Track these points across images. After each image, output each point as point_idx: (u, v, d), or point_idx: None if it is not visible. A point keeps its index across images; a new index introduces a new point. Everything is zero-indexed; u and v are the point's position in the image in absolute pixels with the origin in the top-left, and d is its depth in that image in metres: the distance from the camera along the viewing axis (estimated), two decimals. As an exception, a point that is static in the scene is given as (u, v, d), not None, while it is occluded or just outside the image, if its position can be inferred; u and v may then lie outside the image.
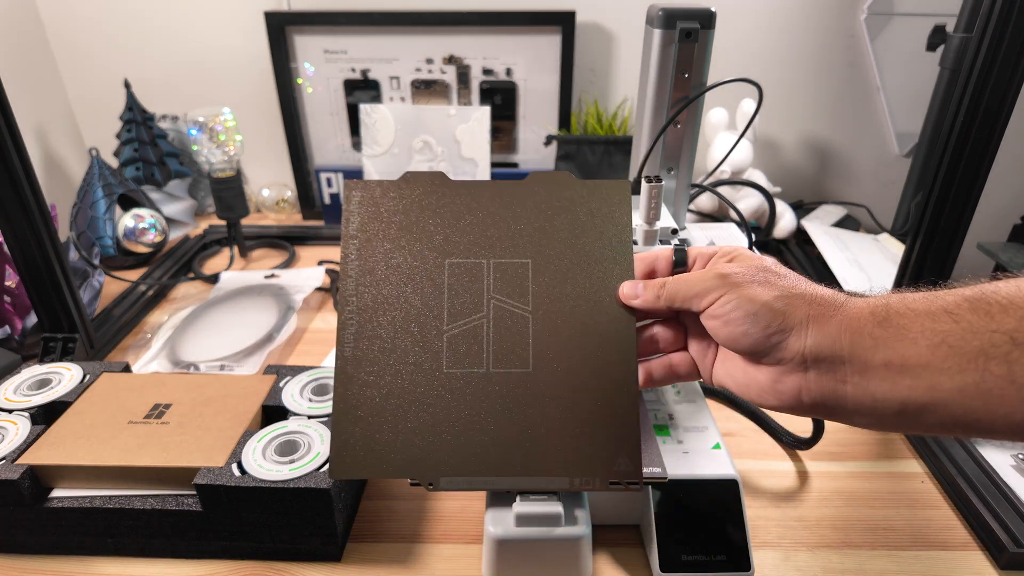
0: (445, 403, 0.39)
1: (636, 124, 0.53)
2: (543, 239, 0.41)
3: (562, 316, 0.40)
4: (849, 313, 0.33)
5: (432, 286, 0.40)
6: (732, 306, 0.35)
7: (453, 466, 0.38)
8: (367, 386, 0.39)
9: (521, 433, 0.38)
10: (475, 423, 0.39)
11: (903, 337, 0.31)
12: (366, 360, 0.39)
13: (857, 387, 0.32)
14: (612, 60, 1.10)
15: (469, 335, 0.40)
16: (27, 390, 0.58)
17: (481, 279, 0.41)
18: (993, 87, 0.55)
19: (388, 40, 1.05)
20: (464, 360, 0.39)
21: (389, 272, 0.41)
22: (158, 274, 0.96)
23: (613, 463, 0.38)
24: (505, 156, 1.15)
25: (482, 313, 0.40)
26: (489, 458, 0.38)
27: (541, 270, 0.41)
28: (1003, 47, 0.54)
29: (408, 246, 0.41)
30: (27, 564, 0.52)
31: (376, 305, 0.40)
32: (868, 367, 0.32)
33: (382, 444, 0.38)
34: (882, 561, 0.52)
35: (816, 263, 0.97)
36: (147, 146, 1.09)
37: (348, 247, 0.41)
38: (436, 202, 0.42)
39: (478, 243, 0.41)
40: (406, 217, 0.41)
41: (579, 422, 0.38)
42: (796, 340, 0.33)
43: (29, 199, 0.65)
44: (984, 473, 0.57)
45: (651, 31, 0.48)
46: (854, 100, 1.10)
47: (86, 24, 1.08)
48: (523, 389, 0.39)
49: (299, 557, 0.52)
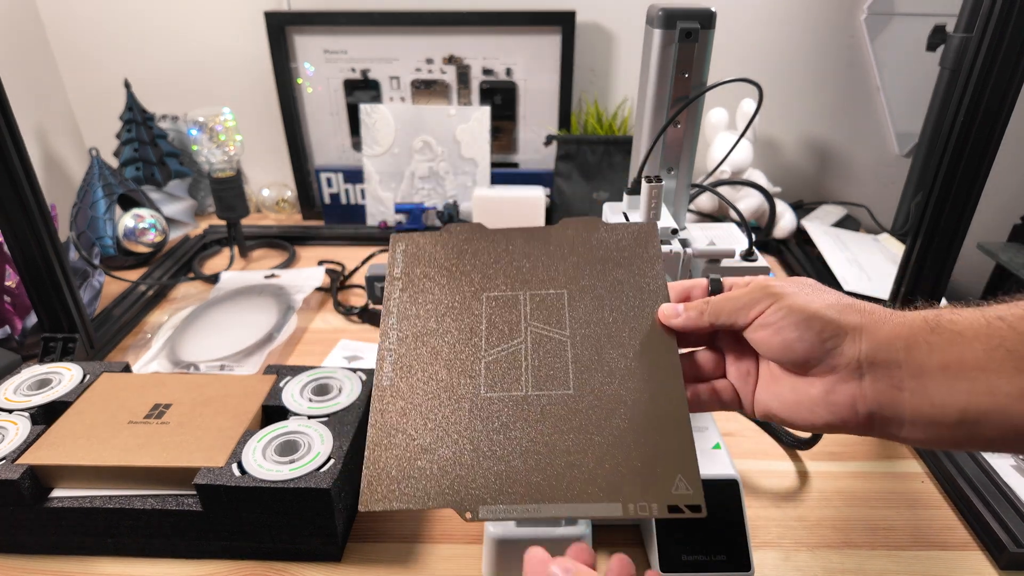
0: (484, 428, 0.37)
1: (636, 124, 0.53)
2: (577, 273, 0.42)
3: (601, 340, 0.40)
4: (901, 320, 0.33)
5: (470, 317, 0.41)
6: (783, 314, 0.34)
7: (494, 494, 0.35)
8: (403, 414, 0.38)
9: (566, 457, 0.36)
10: (516, 448, 0.37)
11: (958, 341, 0.31)
12: (403, 389, 0.39)
13: (915, 393, 0.31)
14: (612, 60, 1.10)
15: (507, 359, 0.40)
16: (27, 390, 0.58)
17: (518, 309, 0.41)
18: (993, 87, 0.55)
19: (388, 40, 1.05)
20: (502, 383, 0.39)
21: (429, 308, 0.42)
22: (158, 274, 0.96)
23: (671, 486, 0.35)
24: (505, 156, 1.15)
25: (520, 339, 0.40)
26: (533, 485, 0.35)
27: (576, 300, 0.41)
28: (1003, 47, 0.54)
29: (448, 284, 0.43)
30: (27, 564, 0.52)
31: (415, 337, 0.41)
32: (925, 370, 0.31)
33: (417, 472, 0.36)
34: (882, 561, 0.52)
35: (816, 263, 0.97)
36: (147, 146, 1.09)
37: (391, 288, 0.43)
38: (474, 247, 0.44)
39: (514, 279, 0.43)
40: (447, 261, 0.44)
41: (629, 444, 0.36)
42: (851, 345, 0.33)
43: (29, 199, 0.65)
44: (984, 473, 0.57)
45: (651, 31, 0.48)
46: (854, 100, 1.10)
47: (86, 24, 1.08)
48: (566, 411, 0.38)
49: (299, 557, 0.52)
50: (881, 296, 0.84)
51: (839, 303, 0.34)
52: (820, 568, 0.51)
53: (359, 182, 1.11)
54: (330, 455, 0.51)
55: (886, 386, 0.32)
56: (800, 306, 0.34)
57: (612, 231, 0.43)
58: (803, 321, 0.33)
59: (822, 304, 0.34)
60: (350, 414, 0.55)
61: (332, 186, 1.12)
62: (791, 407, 0.35)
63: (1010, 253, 0.89)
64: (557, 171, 1.06)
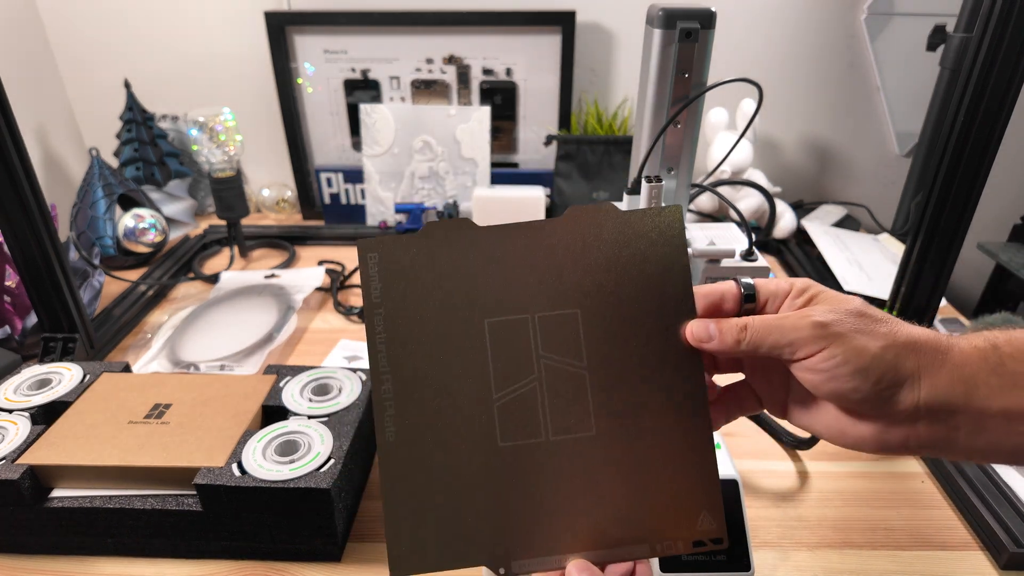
0: (505, 480, 0.35)
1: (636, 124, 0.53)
2: (590, 284, 0.36)
3: (622, 368, 0.36)
4: (958, 359, 0.31)
5: (473, 350, 0.36)
6: (838, 360, 0.31)
7: (524, 547, 0.34)
8: (417, 471, 0.35)
9: (592, 503, 0.35)
10: (541, 498, 0.35)
11: (1020, 383, 0.30)
12: (411, 444, 0.35)
13: (970, 434, 0.31)
14: (612, 60, 1.10)
15: (522, 402, 0.36)
16: (27, 390, 0.58)
17: (527, 337, 0.36)
18: (993, 87, 0.55)
19: (388, 40, 1.05)
20: (520, 432, 0.36)
21: (423, 341, 0.36)
22: (158, 274, 0.96)
23: (696, 522, 0.34)
24: (505, 156, 1.15)
25: (533, 375, 0.36)
26: (561, 534, 0.34)
27: (592, 319, 0.36)
28: (1003, 47, 0.54)
29: (440, 308, 0.36)
30: (27, 564, 0.52)
31: (414, 381, 0.36)
32: (985, 415, 0.31)
33: (444, 534, 0.34)
34: (882, 561, 0.52)
35: (816, 263, 0.97)
36: (147, 146, 1.09)
37: (372, 318, 0.36)
38: (464, 252, 0.36)
39: (518, 296, 0.36)
40: (433, 274, 0.36)
41: (654, 482, 0.35)
42: (909, 393, 0.31)
43: (29, 199, 0.65)
44: (984, 473, 0.57)
45: (651, 31, 0.48)
46: (854, 100, 1.10)
47: (86, 24, 1.08)
48: (589, 454, 0.35)
49: (299, 557, 0.52)
50: (881, 296, 0.84)
51: (895, 341, 0.31)
52: (820, 568, 0.51)
53: (359, 182, 1.11)
54: (330, 455, 0.51)
55: (942, 429, 0.31)
56: (857, 350, 0.31)
57: (629, 222, 0.37)
58: (860, 371, 0.31)
59: (879, 346, 0.31)
60: (350, 414, 0.55)
61: (332, 186, 1.12)
62: (836, 436, 0.34)
63: (1010, 253, 0.89)
64: (557, 171, 1.06)
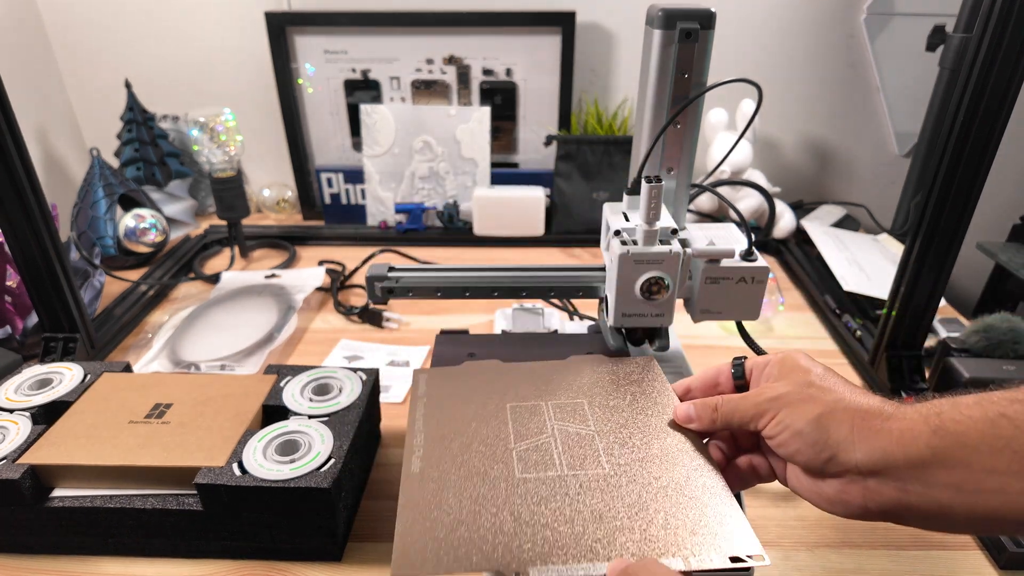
0: (523, 502, 0.37)
1: (636, 124, 0.53)
2: (592, 389, 0.47)
3: (626, 433, 0.43)
4: (900, 424, 0.33)
5: (496, 421, 0.44)
6: (781, 427, 0.36)
7: (543, 556, 0.34)
8: (436, 493, 0.38)
9: (616, 523, 0.36)
10: (560, 517, 0.36)
11: (962, 448, 0.31)
12: (434, 475, 0.39)
13: (922, 496, 0.32)
14: (612, 60, 1.10)
15: (538, 449, 0.41)
16: (28, 390, 0.59)
17: (542, 414, 0.45)
18: (993, 87, 0.55)
19: (388, 40, 1.06)
20: (537, 467, 0.40)
21: (455, 415, 0.45)
22: (159, 274, 0.96)
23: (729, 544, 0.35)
24: (505, 156, 1.15)
25: (547, 434, 0.43)
26: (584, 546, 0.35)
27: (596, 406, 0.45)
28: (1003, 47, 0.54)
29: (472, 399, 0.46)
30: (28, 564, 0.52)
31: (443, 438, 0.42)
32: (930, 482, 0.32)
33: (457, 541, 0.35)
34: (882, 561, 0.52)
35: (816, 263, 0.97)
36: (148, 146, 1.09)
37: (416, 404, 0.46)
38: (495, 376, 0.49)
39: (535, 391, 0.47)
40: (469, 382, 0.49)
41: (679, 514, 0.37)
42: (845, 455, 0.34)
43: (30, 199, 0.65)
44: (984, 473, 0.57)
45: (651, 31, 0.48)
46: (854, 100, 1.10)
47: (87, 24, 1.08)
48: (605, 486, 0.38)
49: (300, 557, 0.52)
50: (881, 296, 0.84)
51: (833, 408, 0.35)
52: (820, 568, 0.51)
53: (359, 182, 1.12)
54: (330, 455, 0.51)
55: (892, 490, 0.33)
56: (795, 418, 0.36)
57: (617, 366, 0.50)
58: (797, 435, 0.36)
59: (815, 414, 0.35)
60: (350, 414, 0.55)
61: (332, 186, 1.12)
62: (812, 496, 0.37)
63: (1009, 253, 0.89)
64: (557, 171, 1.06)
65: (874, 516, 0.34)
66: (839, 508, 0.35)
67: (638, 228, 0.49)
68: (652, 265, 0.49)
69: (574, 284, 0.57)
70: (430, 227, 1.10)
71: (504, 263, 0.58)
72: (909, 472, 0.32)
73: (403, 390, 0.72)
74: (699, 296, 0.53)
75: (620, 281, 0.50)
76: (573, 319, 0.82)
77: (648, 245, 0.49)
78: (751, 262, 0.52)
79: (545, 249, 1.07)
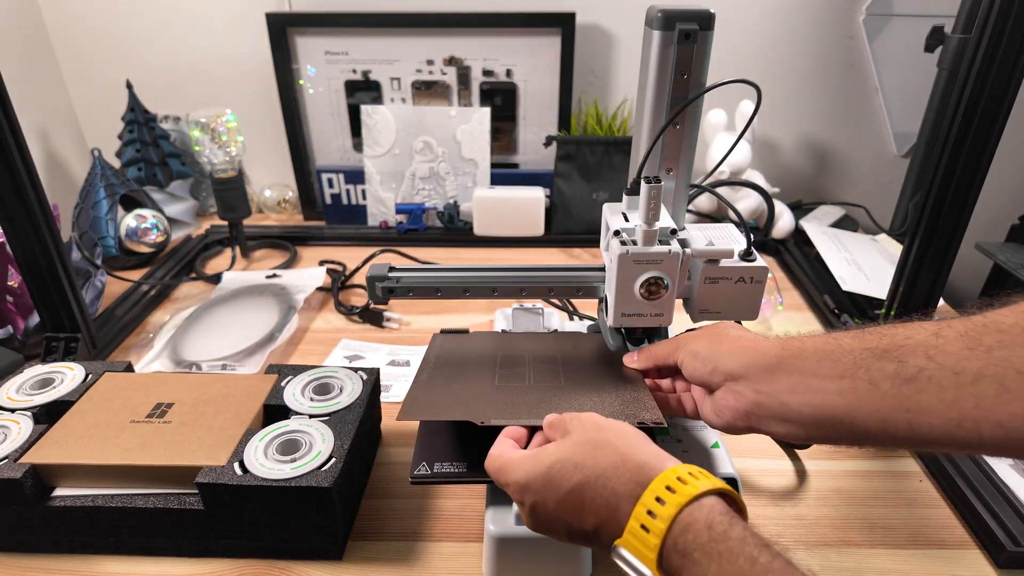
0: (497, 395, 0.52)
1: (635, 125, 0.54)
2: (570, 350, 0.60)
3: (585, 364, 0.57)
4: (763, 344, 0.43)
5: (489, 360, 0.58)
6: (685, 354, 0.47)
7: (502, 416, 0.48)
8: (438, 384, 0.54)
9: (556, 405, 0.50)
10: (522, 401, 0.51)
11: (799, 355, 0.40)
12: (437, 379, 0.55)
13: (770, 397, 0.40)
14: (612, 61, 1.10)
15: (515, 371, 0.56)
16: (29, 389, 0.59)
17: (524, 357, 0.59)
18: (991, 88, 0.55)
19: (389, 41, 1.06)
20: (511, 380, 0.55)
21: (458, 356, 0.59)
22: (160, 274, 0.97)
23: (638, 416, 0.48)
24: (505, 157, 1.15)
25: (524, 367, 0.57)
26: (535, 413, 0.48)
27: (568, 360, 0.58)
28: (1001, 48, 0.54)
29: (472, 347, 0.61)
30: (30, 563, 0.52)
31: (446, 362, 0.58)
32: (774, 381, 0.40)
33: (444, 403, 0.51)
34: (880, 560, 0.52)
35: (814, 263, 0.98)
36: (149, 147, 1.09)
37: (431, 349, 0.61)
38: (494, 339, 0.63)
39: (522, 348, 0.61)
40: (474, 340, 0.63)
41: (609, 401, 0.50)
42: (723, 365, 0.43)
43: (31, 199, 0.66)
44: (982, 472, 0.57)
45: (650, 32, 0.49)
46: (853, 101, 1.10)
47: (89, 25, 1.08)
48: (558, 391, 0.52)
49: (300, 556, 0.52)
50: (879, 296, 0.84)
51: (720, 338, 0.45)
52: (818, 566, 0.51)
53: (360, 183, 1.12)
54: (331, 454, 0.51)
55: (752, 392, 0.41)
56: (693, 346, 0.46)
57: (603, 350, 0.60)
58: (694, 357, 0.46)
59: (706, 342, 0.46)
60: (351, 413, 0.56)
61: (333, 187, 1.13)
62: (709, 415, 0.45)
63: (1008, 253, 0.89)
64: (557, 172, 1.06)
65: (740, 421, 0.42)
66: (725, 415, 0.43)
67: (637, 228, 0.49)
68: (651, 265, 0.49)
69: (574, 284, 0.57)
70: (430, 227, 1.10)
71: (504, 263, 0.58)
72: (763, 376, 0.41)
73: (403, 390, 0.72)
74: (698, 296, 0.53)
75: (620, 281, 0.50)
76: (573, 319, 0.82)
77: (647, 245, 0.49)
78: (750, 262, 0.52)
79: (545, 249, 1.07)
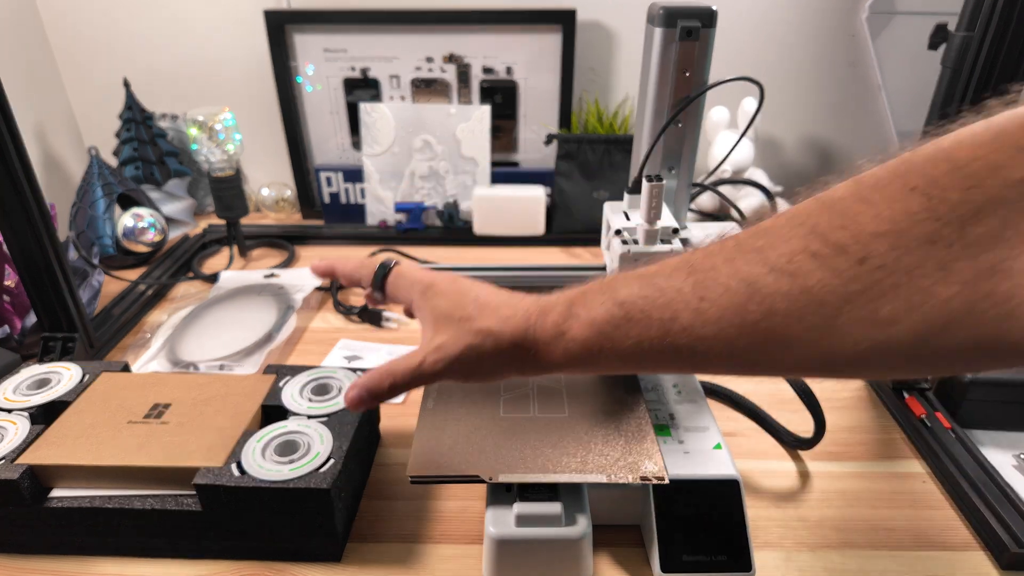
0: (502, 432, 0.52)
1: (637, 123, 0.53)
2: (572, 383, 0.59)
3: (587, 388, 0.57)
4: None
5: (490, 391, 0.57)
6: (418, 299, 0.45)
7: (511, 468, 0.48)
8: (443, 422, 0.53)
9: (562, 449, 0.50)
10: (526, 443, 0.50)
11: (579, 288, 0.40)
12: (443, 410, 0.54)
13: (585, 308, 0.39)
14: (613, 59, 1.09)
15: (519, 399, 0.56)
16: (26, 390, 0.58)
17: (527, 392, 0.57)
18: (995, 86, 0.55)
19: (388, 39, 1.05)
20: (515, 408, 0.55)
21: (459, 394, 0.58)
22: (157, 273, 0.96)
23: (641, 467, 0.47)
24: (505, 155, 1.15)
25: (527, 388, 0.57)
26: (539, 465, 0.48)
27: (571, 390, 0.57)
28: (1005, 46, 0.54)
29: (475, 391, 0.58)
30: (26, 564, 0.52)
31: (447, 394, 0.57)
32: None
33: (451, 454, 0.49)
34: (883, 561, 0.52)
35: (817, 262, 0.97)
36: (146, 145, 1.09)
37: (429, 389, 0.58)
38: None
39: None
40: None
41: (611, 445, 0.50)
42: None
43: (28, 198, 0.65)
44: (985, 473, 0.57)
45: (652, 29, 0.48)
46: (855, 99, 1.09)
47: (86, 23, 1.07)
48: (562, 425, 0.52)
49: (299, 557, 0.52)
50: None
51: None
52: (821, 568, 0.51)
53: (359, 181, 1.11)
54: (330, 455, 0.50)
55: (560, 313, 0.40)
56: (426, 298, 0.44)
57: None
58: None
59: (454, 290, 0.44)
60: (350, 414, 0.55)
61: (332, 185, 1.12)
62: None
63: (1011, 252, 0.89)
64: (558, 170, 1.06)
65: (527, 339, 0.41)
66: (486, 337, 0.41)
67: (639, 227, 0.49)
68: (653, 264, 0.49)
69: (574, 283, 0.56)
70: (430, 226, 1.10)
71: (504, 263, 0.58)
72: None
73: (403, 390, 0.72)
74: (700, 296, 0.53)
75: (621, 281, 0.50)
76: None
77: (649, 244, 0.48)
78: (752, 261, 0.52)
79: (545, 248, 1.06)
